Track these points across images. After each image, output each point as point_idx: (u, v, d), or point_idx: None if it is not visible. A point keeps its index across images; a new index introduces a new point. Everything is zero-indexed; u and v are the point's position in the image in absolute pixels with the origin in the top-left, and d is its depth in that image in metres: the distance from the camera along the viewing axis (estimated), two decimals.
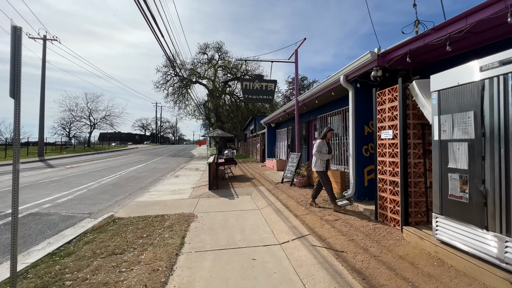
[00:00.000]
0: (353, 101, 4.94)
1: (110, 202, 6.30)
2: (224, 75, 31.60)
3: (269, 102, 7.67)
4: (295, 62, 7.71)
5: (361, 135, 4.98)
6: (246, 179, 9.11)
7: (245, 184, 8.02)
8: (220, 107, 31.25)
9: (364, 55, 4.14)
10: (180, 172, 11.91)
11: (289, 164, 7.74)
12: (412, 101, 3.53)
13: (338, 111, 6.84)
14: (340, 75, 5.01)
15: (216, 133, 21.13)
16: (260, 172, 10.92)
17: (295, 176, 7.10)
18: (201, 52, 30.82)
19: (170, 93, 30.02)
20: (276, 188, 7.00)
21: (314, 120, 9.00)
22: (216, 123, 30.86)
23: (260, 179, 8.91)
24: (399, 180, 3.52)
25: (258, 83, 7.50)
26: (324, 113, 7.72)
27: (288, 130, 10.11)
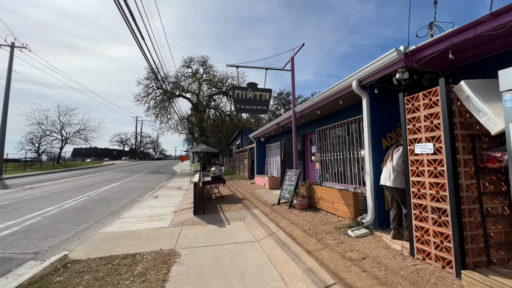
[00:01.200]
0: (368, 110, 4.23)
1: (68, 235, 5.00)
2: (209, 89, 30.86)
3: (263, 113, 6.87)
4: (291, 70, 7.06)
5: (378, 150, 4.24)
6: (236, 199, 8.06)
7: (236, 207, 6.96)
8: (204, 121, 30.18)
9: (387, 54, 3.47)
10: (160, 192, 10.58)
11: (286, 183, 6.84)
12: (458, 106, 2.83)
13: (342, 122, 6.15)
14: (352, 81, 4.32)
15: (200, 148, 19.92)
16: (250, 191, 9.90)
17: (294, 197, 6.20)
18: (185, 65, 30.06)
19: (152, 107, 28.60)
20: (274, 211, 6.03)
21: (310, 134, 8.29)
22: (200, 137, 29.62)
23: (252, 199, 7.89)
24: (447, 207, 2.72)
25: (251, 92, 6.71)
26: (324, 125, 7.02)
27: (282, 144, 9.34)
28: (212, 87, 30.44)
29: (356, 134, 5.68)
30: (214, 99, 31.35)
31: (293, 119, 6.94)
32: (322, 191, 5.75)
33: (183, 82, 29.97)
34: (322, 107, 5.87)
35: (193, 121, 30.68)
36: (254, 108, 6.73)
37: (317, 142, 7.44)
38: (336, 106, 5.80)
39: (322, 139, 7.32)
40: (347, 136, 6.08)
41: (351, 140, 5.87)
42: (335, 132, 6.58)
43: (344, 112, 5.99)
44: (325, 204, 5.62)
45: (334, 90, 4.90)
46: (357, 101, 5.32)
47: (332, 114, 6.54)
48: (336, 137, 6.55)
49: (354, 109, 5.58)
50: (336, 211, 5.20)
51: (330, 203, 5.41)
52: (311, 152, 8.39)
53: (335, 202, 5.22)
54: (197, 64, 30.36)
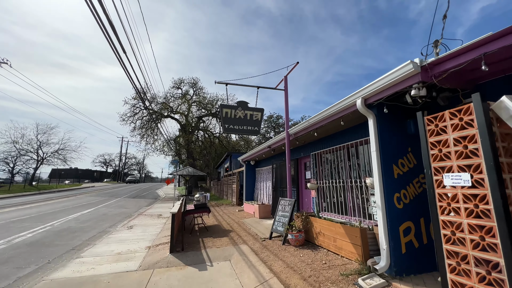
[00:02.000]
0: (376, 132, 3.68)
1: (3, 284, 3.91)
2: (198, 110, 30.43)
3: (254, 134, 6.24)
4: (285, 89, 6.61)
5: (390, 179, 3.61)
6: (222, 232, 7.10)
7: (221, 241, 6.02)
8: (192, 143, 29.29)
9: (401, 67, 2.98)
10: (137, 221, 9.41)
11: (279, 214, 6.04)
12: (499, 128, 2.29)
13: (342, 146, 5.58)
14: (356, 99, 3.80)
15: (186, 171, 18.87)
16: (238, 220, 8.94)
17: (289, 231, 5.38)
18: (175, 86, 29.81)
19: (138, 127, 27.60)
20: (265, 249, 5.15)
21: (305, 158, 7.67)
22: (187, 160, 28.52)
23: (240, 231, 6.97)
24: (500, 260, 2.05)
25: (241, 111, 6.13)
26: (321, 148, 6.44)
27: (273, 168, 8.65)
28: (202, 109, 30.07)
29: (358, 158, 5.10)
30: (203, 121, 30.84)
31: (287, 142, 6.34)
32: (322, 225, 4.99)
33: (172, 103, 29.49)
34: (320, 129, 5.32)
35: (180, 143, 29.71)
36: (244, 128, 6.11)
37: (312, 167, 6.80)
38: (336, 127, 5.27)
39: (318, 163, 6.70)
40: (347, 161, 5.49)
41: (353, 165, 5.27)
42: (333, 156, 5.99)
43: (344, 134, 5.46)
44: (325, 241, 4.83)
45: (334, 110, 4.37)
46: (360, 121, 4.80)
47: (331, 136, 6.00)
48: (334, 162, 5.95)
49: (356, 130, 5.06)
50: (339, 250, 4.42)
51: (331, 239, 4.63)
52: (305, 178, 7.72)
53: (337, 239, 4.45)
54: (188, 85, 30.23)
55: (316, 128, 5.23)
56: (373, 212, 4.71)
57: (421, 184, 3.82)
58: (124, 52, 6.39)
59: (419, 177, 3.84)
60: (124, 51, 6.40)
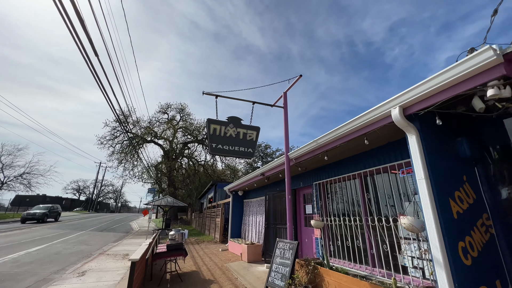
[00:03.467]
0: (421, 154, 2.66)
1: None
2: (184, 136, 29.13)
3: (248, 157, 5.08)
4: (284, 107, 5.68)
5: (449, 219, 2.50)
6: (200, 283, 5.48)
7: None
8: (175, 171, 27.41)
9: (473, 55, 2.08)
10: (94, 263, 7.48)
11: (278, 261, 4.65)
12: None
13: (357, 174, 4.52)
14: (391, 108, 2.84)
15: (165, 200, 16.93)
16: (222, 264, 7.29)
17: (290, 287, 3.98)
18: (161, 111, 28.77)
19: (117, 151, 25.64)
20: None
21: (305, 189, 6.51)
22: (168, 188, 26.37)
23: (224, 283, 5.39)
24: None
25: (233, 128, 5.05)
26: (327, 176, 5.35)
27: (267, 200, 7.37)
28: (188, 135, 28.84)
29: (382, 188, 4.01)
30: (189, 147, 29.42)
31: (286, 168, 5.21)
32: (338, 281, 3.66)
33: (157, 128, 28.16)
34: (332, 151, 4.28)
35: (162, 170, 27.74)
36: (235, 149, 4.96)
37: (316, 200, 5.62)
38: (353, 149, 4.26)
39: (324, 195, 5.54)
40: (364, 193, 4.38)
41: (375, 198, 4.16)
42: (345, 187, 4.88)
43: (362, 158, 4.43)
44: None
45: (357, 125, 3.37)
46: (384, 141, 3.83)
47: (343, 161, 4.96)
48: (347, 194, 4.83)
49: (380, 153, 4.05)
50: None
51: None
52: (305, 213, 6.47)
53: None
54: (175, 110, 29.30)
55: (327, 150, 4.18)
56: (408, 264, 3.50)
57: (487, 228, 2.73)
58: (105, 75, 6.48)
59: (483, 217, 2.76)
60: (105, 73, 6.44)
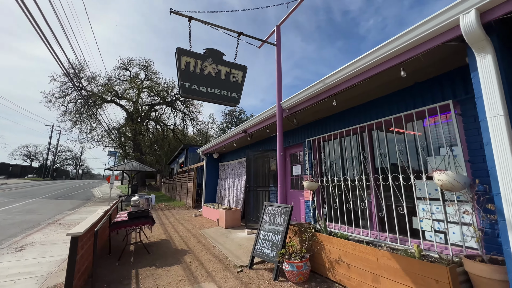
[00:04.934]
0: (499, 81, 1.84)
1: None
2: (150, 97, 26.34)
3: (232, 103, 3.97)
4: (277, 43, 4.52)
5: None
6: (172, 253, 4.63)
7: (170, 277, 3.59)
8: (141, 134, 25.15)
9: None
10: (40, 235, 6.20)
11: (266, 228, 3.91)
12: None
13: (363, 126, 3.73)
14: (463, 13, 1.92)
15: (129, 165, 15.34)
16: (196, 231, 6.51)
17: (285, 258, 3.30)
18: (122, 67, 25.25)
19: (70, 111, 22.34)
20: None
21: (293, 148, 5.71)
22: (134, 153, 24.32)
23: (200, 253, 4.62)
24: None
25: (212, 64, 3.84)
26: (324, 131, 4.53)
27: (248, 161, 6.50)
28: (155, 95, 26.09)
29: (394, 143, 3.29)
30: (156, 110, 26.90)
31: (278, 120, 4.26)
32: (343, 249, 3.03)
33: (118, 87, 24.91)
34: (345, 94, 3.36)
35: (126, 133, 25.27)
36: (216, 93, 3.81)
37: (309, 159, 4.86)
38: (365, 94, 3.38)
39: (318, 154, 4.80)
40: (374, 149, 3.66)
41: (387, 155, 3.45)
42: (346, 143, 4.13)
43: (371, 107, 3.61)
44: (350, 277, 2.88)
45: (395, 48, 2.41)
46: (407, 83, 2.99)
47: (344, 113, 4.12)
48: (349, 149, 4.09)
49: (393, 100, 3.23)
50: None
51: (366, 277, 2.69)
52: (293, 174, 5.76)
53: (383, 278, 2.53)
54: (138, 67, 25.95)
55: (338, 92, 3.24)
56: (425, 228, 2.94)
57: None
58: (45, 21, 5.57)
59: None
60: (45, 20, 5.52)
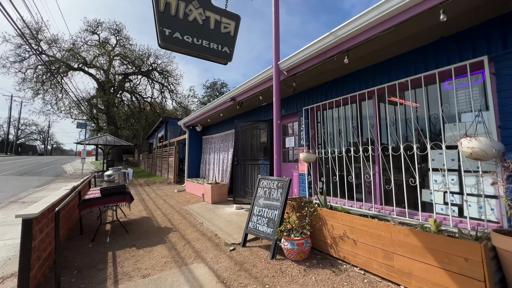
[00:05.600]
0: None
1: None
2: (123, 65, 24.09)
3: (222, 60, 3.34)
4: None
5: None
6: (154, 232, 4.19)
7: (153, 258, 3.17)
8: (115, 107, 23.33)
9: None
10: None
11: (262, 203, 3.55)
12: None
13: (368, 92, 3.32)
14: None
15: (103, 139, 14.18)
16: (180, 207, 6.08)
17: (284, 236, 2.99)
18: (89, 30, 22.46)
19: (30, 79, 19.87)
20: (243, 273, 2.64)
21: (287, 118, 5.27)
22: (108, 127, 22.68)
23: (186, 230, 4.22)
24: None
25: (199, 9, 3.11)
26: (322, 99, 4.10)
27: (236, 133, 5.99)
28: (128, 64, 23.88)
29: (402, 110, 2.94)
30: (130, 80, 24.82)
31: (275, 84, 3.73)
32: (353, 224, 2.75)
33: (86, 53, 22.35)
34: (355, 50, 2.88)
35: (98, 105, 23.30)
36: (203, 45, 3.14)
37: (305, 130, 4.46)
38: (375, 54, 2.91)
39: (315, 123, 4.41)
40: (377, 119, 3.31)
41: (397, 123, 3.11)
42: (347, 111, 3.74)
43: (382, 69, 3.18)
44: (357, 253, 2.64)
45: None
46: (432, 38, 2.57)
47: (346, 78, 3.68)
48: (350, 118, 3.72)
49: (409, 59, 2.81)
50: (403, 277, 2.27)
51: (376, 253, 2.45)
52: (285, 146, 5.39)
53: (396, 255, 2.29)
54: (108, 31, 23.28)
55: (351, 46, 2.75)
56: (437, 201, 2.72)
57: None
58: None
59: None
60: None
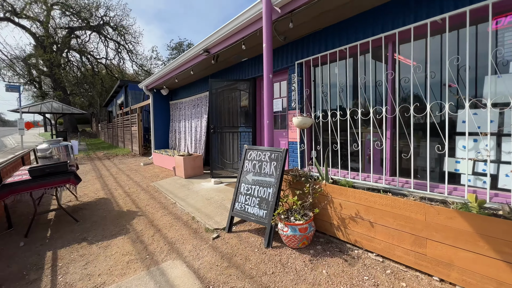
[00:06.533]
0: None
1: None
2: (66, 17, 20.08)
3: None
4: None
5: None
6: (113, 218, 3.34)
7: (110, 251, 2.39)
8: (61, 69, 19.90)
9: None
10: None
11: (251, 179, 2.86)
12: None
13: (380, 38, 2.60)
14: None
15: (47, 106, 11.95)
16: (148, 185, 5.20)
17: (281, 219, 2.40)
18: None
19: None
20: (234, 269, 2.03)
21: (275, 75, 4.42)
22: (55, 92, 19.53)
23: (154, 213, 3.45)
24: None
25: None
26: (321, 50, 3.31)
27: (214, 95, 5.01)
28: (72, 16, 19.96)
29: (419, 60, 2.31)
30: (77, 36, 21.03)
31: (266, 23, 2.83)
32: (367, 202, 2.23)
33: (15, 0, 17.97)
34: None
35: (38, 66, 19.64)
36: None
37: (297, 89, 3.71)
38: None
39: (310, 81, 3.66)
40: (389, 74, 2.65)
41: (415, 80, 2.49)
42: (357, 63, 3.02)
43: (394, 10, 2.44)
44: (376, 239, 2.16)
45: None
46: None
47: (351, 21, 2.89)
48: (354, 75, 3.03)
49: None
50: (443, 271, 1.83)
51: (405, 241, 1.97)
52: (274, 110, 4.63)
53: (434, 242, 1.82)
54: None
55: None
56: (460, 170, 2.27)
57: None
58: None
59: None
60: None
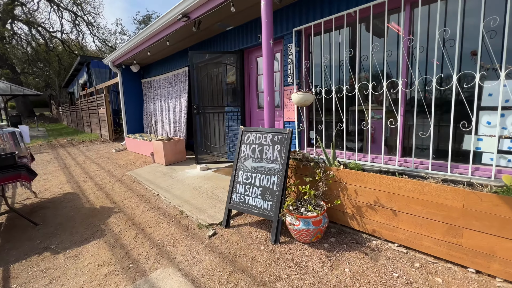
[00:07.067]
0: None
1: None
2: None
3: None
4: None
5: None
6: (83, 217, 2.80)
7: (82, 261, 1.92)
8: (5, 43, 17.15)
9: None
10: None
11: (250, 166, 2.47)
12: None
13: None
14: None
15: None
16: (124, 174, 4.59)
17: (290, 211, 2.07)
18: None
19: None
20: (239, 276, 1.69)
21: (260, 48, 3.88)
22: (2, 71, 16.96)
23: (134, 209, 2.96)
24: None
25: None
26: (324, 15, 2.84)
27: (196, 69, 4.35)
28: None
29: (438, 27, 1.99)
30: (23, 3, 18.06)
31: None
32: (388, 188, 1.96)
33: None
34: None
35: None
36: None
37: (295, 61, 3.26)
38: None
39: (308, 51, 3.23)
40: (416, 37, 2.31)
41: None
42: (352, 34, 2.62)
43: None
44: (399, 228, 1.92)
45: None
46: None
47: None
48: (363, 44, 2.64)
49: None
50: (482, 263, 1.63)
51: (436, 230, 1.75)
52: (261, 89, 4.16)
53: (474, 232, 1.60)
54: None
55: None
56: (482, 148, 2.07)
57: None
58: None
59: None
60: None
